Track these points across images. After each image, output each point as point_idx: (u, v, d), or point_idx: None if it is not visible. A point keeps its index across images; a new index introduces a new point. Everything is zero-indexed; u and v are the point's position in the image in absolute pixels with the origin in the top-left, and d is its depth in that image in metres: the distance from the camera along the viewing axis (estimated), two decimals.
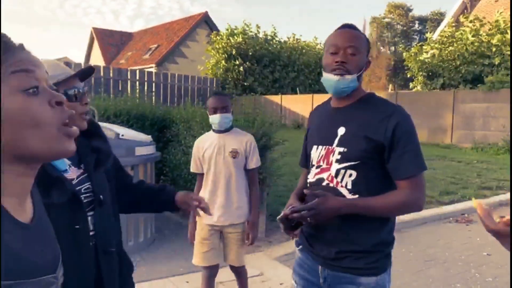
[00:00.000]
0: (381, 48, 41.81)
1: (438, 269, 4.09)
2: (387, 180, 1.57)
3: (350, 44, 1.56)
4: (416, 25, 42.67)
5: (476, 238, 5.00)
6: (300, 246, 1.78)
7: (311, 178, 1.70)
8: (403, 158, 1.52)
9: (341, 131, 1.60)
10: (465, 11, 19.67)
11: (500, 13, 13.80)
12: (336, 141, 1.60)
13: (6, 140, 0.70)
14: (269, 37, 21.09)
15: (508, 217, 1.01)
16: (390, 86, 25.33)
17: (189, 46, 24.74)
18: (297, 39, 22.43)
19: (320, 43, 22.99)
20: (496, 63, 12.45)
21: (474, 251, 4.56)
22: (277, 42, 21.18)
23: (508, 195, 6.92)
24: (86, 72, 1.42)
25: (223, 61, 19.80)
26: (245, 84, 19.71)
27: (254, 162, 2.84)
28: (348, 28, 1.63)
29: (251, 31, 20.63)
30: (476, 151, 11.73)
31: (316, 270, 1.68)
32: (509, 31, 12.84)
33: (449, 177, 7.87)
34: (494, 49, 12.78)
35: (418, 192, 1.56)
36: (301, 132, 15.89)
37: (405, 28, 42.04)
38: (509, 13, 13.69)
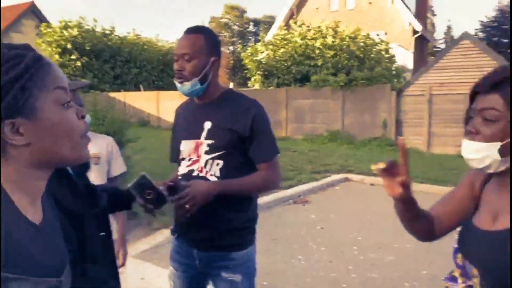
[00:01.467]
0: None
1: (283, 246, 4.64)
2: (249, 166, 1.78)
3: (184, 51, 1.67)
4: (251, 27, 45.48)
5: (311, 216, 5.79)
6: (175, 234, 1.88)
7: (182, 170, 1.79)
8: (261, 145, 1.76)
9: (207, 125, 1.73)
10: (293, 16, 21.91)
11: (323, 19, 15.80)
12: (203, 135, 1.73)
13: (45, 147, 0.77)
14: (107, 32, 20.08)
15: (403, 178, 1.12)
16: (231, 84, 26.63)
17: (13, 37, 21.89)
18: (137, 35, 21.85)
19: (164, 41, 22.86)
20: (319, 64, 14.26)
21: (310, 227, 5.29)
22: (116, 37, 20.30)
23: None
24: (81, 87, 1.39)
25: (56, 56, 18.14)
26: (84, 80, 18.39)
27: (119, 167, 2.51)
28: (188, 33, 1.72)
29: (87, 25, 19.35)
30: (307, 142, 13.28)
31: (191, 253, 1.80)
32: (329, 36, 14.82)
33: (287, 165, 8.83)
34: (317, 52, 14.60)
35: (276, 172, 1.82)
36: (148, 130, 15.66)
37: (241, 29, 44.44)
38: (326, 22, 15.78)
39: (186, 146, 1.78)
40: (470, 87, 1.16)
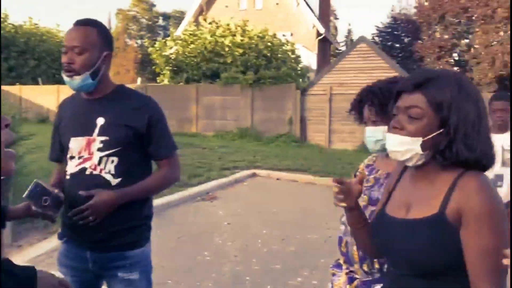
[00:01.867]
0: (128, 40, 41.72)
1: (189, 242, 4.66)
2: (146, 162, 1.80)
3: (75, 44, 1.62)
4: (160, 21, 44.33)
5: (219, 212, 5.88)
6: (65, 238, 1.81)
7: (71, 169, 1.72)
8: (160, 141, 1.77)
9: (100, 121, 1.69)
10: (203, 12, 21.83)
11: (231, 18, 15.96)
12: (96, 131, 1.68)
13: None
14: None
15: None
16: (139, 79, 25.75)
17: None
18: (35, 24, 20.16)
19: (64, 31, 21.34)
20: (229, 61, 14.42)
21: (217, 223, 5.38)
22: (10, 25, 18.53)
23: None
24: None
25: None
26: None
27: None
28: (78, 25, 1.67)
29: None
30: (217, 138, 13.38)
31: (83, 256, 1.74)
32: (238, 35, 15.03)
33: (196, 162, 8.83)
34: (227, 49, 14.74)
35: (176, 168, 1.85)
36: (47, 126, 14.53)
37: (150, 22, 43.12)
38: (235, 20, 15.98)
39: (76, 144, 1.71)
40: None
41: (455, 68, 24.43)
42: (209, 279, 3.72)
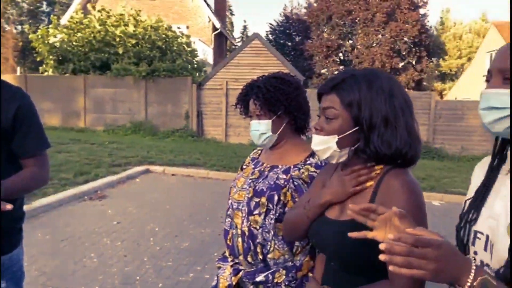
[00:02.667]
0: (6, 26, 37.49)
1: (73, 245, 4.33)
2: (12, 161, 1.61)
3: None
4: (44, 6, 40.62)
5: (108, 211, 5.56)
6: None
7: None
8: (28, 138, 1.60)
9: None
10: (91, 0, 20.43)
11: (123, 7, 15.17)
12: None
13: None
14: None
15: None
16: (19, 69, 23.31)
17: None
18: None
19: None
20: (120, 52, 13.70)
21: (106, 222, 5.08)
22: None
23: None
24: None
25: None
26: None
27: None
28: None
29: None
30: (107, 133, 12.67)
31: None
32: (130, 25, 14.35)
33: (84, 159, 8.25)
34: (118, 39, 13.99)
35: (45, 168, 1.68)
36: None
37: (32, 7, 39.24)
38: (127, 9, 15.25)
39: None
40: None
41: (341, 67, 26.37)
42: (96, 282, 3.49)
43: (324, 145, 1.19)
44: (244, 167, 1.94)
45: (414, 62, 25.87)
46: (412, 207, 1.04)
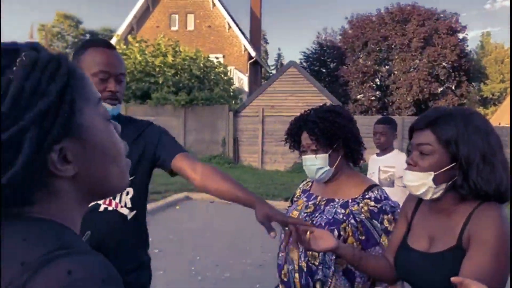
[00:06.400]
0: None
1: None
2: (146, 190, 1.65)
3: (122, 71, 1.52)
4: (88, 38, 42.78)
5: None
6: None
7: None
8: (169, 145, 1.66)
9: None
10: (132, 31, 21.37)
11: (161, 37, 15.75)
12: None
13: (93, 176, 0.60)
14: None
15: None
16: None
17: None
18: None
19: None
20: (160, 82, 14.14)
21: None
22: None
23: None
24: None
25: None
26: None
27: None
28: (111, 49, 1.53)
29: None
30: None
31: None
32: (169, 55, 14.83)
33: None
34: (157, 69, 14.47)
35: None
36: None
37: (76, 40, 41.45)
38: (163, 39, 15.79)
39: None
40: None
41: (377, 93, 26.11)
42: None
43: (420, 181, 1.20)
44: (295, 199, 1.90)
45: (453, 87, 25.27)
46: (494, 236, 1.07)
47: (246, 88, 21.11)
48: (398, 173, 3.24)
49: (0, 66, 0.53)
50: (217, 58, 16.78)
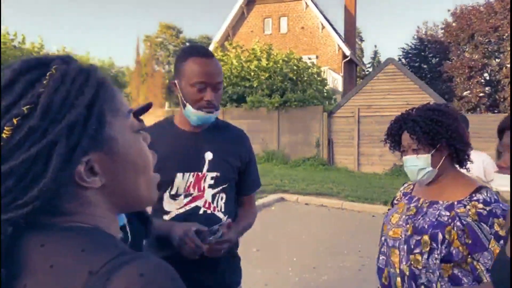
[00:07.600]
0: (156, 67, 42.80)
1: None
2: (235, 199, 1.73)
3: (219, 80, 1.56)
4: None
5: (247, 237, 5.74)
6: None
7: (177, 209, 1.56)
8: (252, 176, 1.73)
9: (209, 156, 1.58)
10: (229, 37, 22.21)
11: (256, 42, 16.15)
12: (205, 167, 1.57)
13: (121, 188, 0.62)
14: (36, 48, 19.06)
15: None
16: (167, 104, 26.22)
17: None
18: (68, 53, 20.96)
19: (97, 58, 22.09)
20: (255, 85, 14.50)
21: (246, 250, 5.23)
22: (46, 54, 19.30)
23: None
24: (144, 109, 1.18)
25: None
26: None
27: None
28: (210, 57, 1.53)
29: (12, 40, 18.24)
30: None
31: None
32: (263, 59, 15.15)
33: None
34: (252, 74, 14.86)
35: (255, 205, 1.86)
36: None
37: (177, 48, 44.20)
38: (259, 44, 16.14)
39: (183, 180, 1.56)
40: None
41: (486, 88, 23.88)
42: None
43: None
44: (395, 202, 1.84)
45: None
46: None
47: (340, 88, 20.70)
48: (474, 173, 2.90)
49: (31, 80, 0.55)
50: (309, 59, 16.71)
